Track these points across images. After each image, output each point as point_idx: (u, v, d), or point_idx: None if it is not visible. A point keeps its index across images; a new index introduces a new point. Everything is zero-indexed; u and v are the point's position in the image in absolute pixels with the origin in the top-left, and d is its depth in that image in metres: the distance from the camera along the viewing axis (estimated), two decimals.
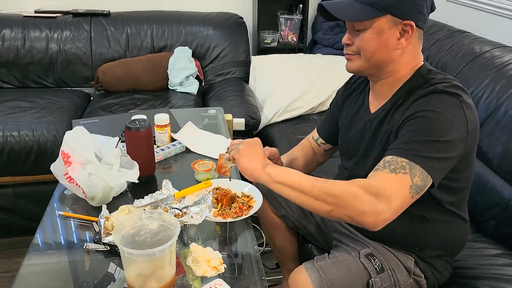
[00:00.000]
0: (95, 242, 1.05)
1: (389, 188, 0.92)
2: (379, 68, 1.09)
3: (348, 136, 1.24)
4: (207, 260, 0.96)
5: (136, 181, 1.20)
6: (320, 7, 1.08)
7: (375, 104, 1.16)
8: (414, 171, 0.93)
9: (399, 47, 1.04)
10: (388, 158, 0.96)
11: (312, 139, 1.44)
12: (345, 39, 1.09)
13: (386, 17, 1.01)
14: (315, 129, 1.44)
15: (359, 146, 1.19)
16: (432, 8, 1.08)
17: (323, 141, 1.41)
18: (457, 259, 1.27)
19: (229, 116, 1.82)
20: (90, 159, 1.16)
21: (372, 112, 1.16)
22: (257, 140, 1.13)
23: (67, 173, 1.17)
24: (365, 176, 0.98)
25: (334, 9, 1.05)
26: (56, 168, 1.22)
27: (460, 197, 1.14)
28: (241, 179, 1.25)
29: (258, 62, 2.61)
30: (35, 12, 2.61)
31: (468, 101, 1.00)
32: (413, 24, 1.02)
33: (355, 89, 1.27)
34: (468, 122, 0.98)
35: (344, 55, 1.12)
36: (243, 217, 1.13)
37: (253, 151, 1.08)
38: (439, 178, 0.97)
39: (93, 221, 1.12)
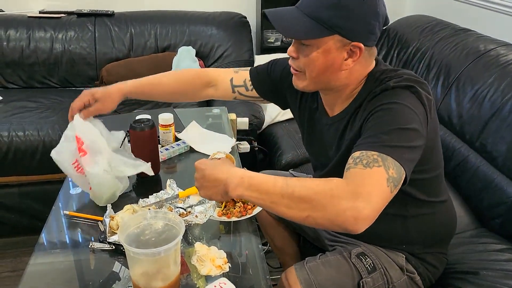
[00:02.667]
0: (100, 241, 1.05)
1: (367, 183, 0.84)
2: (326, 86, 1.05)
3: (310, 136, 1.21)
4: (211, 259, 0.96)
5: (152, 174, 1.19)
6: (264, 15, 1.00)
7: (330, 110, 1.12)
8: (387, 163, 0.86)
9: (345, 67, 0.99)
10: (356, 154, 0.89)
11: (228, 81, 1.30)
12: (290, 51, 1.02)
13: (334, 37, 0.95)
14: (238, 74, 1.31)
15: (323, 146, 1.16)
16: (386, 23, 1.01)
17: (246, 91, 1.30)
18: (458, 253, 1.26)
19: (233, 116, 1.82)
20: (103, 148, 1.09)
21: (330, 116, 1.12)
22: (206, 165, 0.98)
23: (77, 161, 1.11)
24: None
25: (278, 22, 0.98)
26: (60, 155, 1.13)
27: (433, 185, 1.12)
28: None
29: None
30: (40, 12, 2.62)
31: (421, 90, 0.95)
32: (362, 46, 0.96)
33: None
34: (427, 111, 0.95)
35: None
36: (248, 216, 1.14)
37: (207, 183, 0.96)
38: (409, 169, 0.90)
39: (98, 221, 1.12)
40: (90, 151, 1.10)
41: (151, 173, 1.19)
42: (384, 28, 1.03)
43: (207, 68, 1.34)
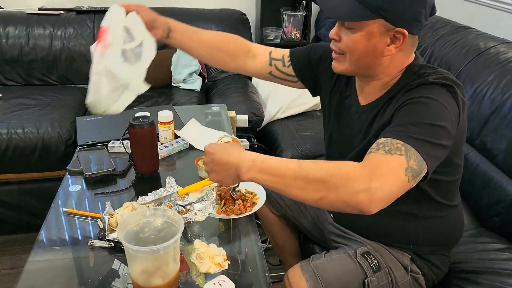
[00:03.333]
0: (99, 239, 1.05)
1: (384, 167, 0.84)
2: (365, 72, 1.05)
3: (335, 123, 1.20)
4: (211, 256, 0.96)
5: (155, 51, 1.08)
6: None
7: (363, 98, 1.11)
8: (409, 153, 0.86)
9: (387, 53, 0.99)
10: (381, 140, 0.89)
11: (267, 54, 1.27)
12: (333, 33, 1.02)
13: (378, 21, 0.94)
14: (277, 50, 1.28)
15: (347, 135, 1.14)
16: (432, 13, 1.01)
17: (283, 67, 1.26)
18: (459, 252, 1.27)
19: (232, 113, 1.82)
20: (113, 41, 1.02)
21: (362, 105, 1.11)
22: (215, 149, 0.97)
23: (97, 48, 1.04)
24: None
25: (323, 2, 0.99)
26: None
27: (450, 189, 1.12)
28: None
29: None
30: (39, 9, 2.61)
31: (458, 92, 0.95)
32: (406, 32, 0.95)
33: (339, 75, 1.18)
34: (460, 113, 0.95)
35: None
36: (247, 214, 1.14)
37: (217, 167, 0.96)
38: (432, 166, 0.90)
39: (97, 218, 1.12)
40: (103, 41, 1.03)
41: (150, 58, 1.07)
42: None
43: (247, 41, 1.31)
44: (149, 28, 1.13)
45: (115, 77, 1.04)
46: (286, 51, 1.28)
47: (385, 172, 0.84)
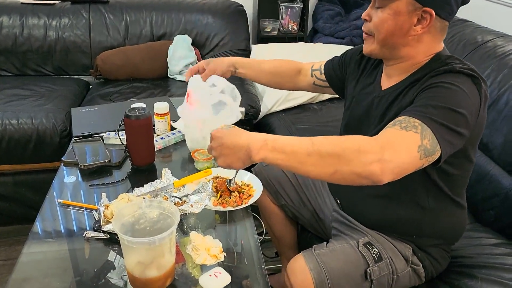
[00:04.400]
0: (94, 230, 1.05)
1: (397, 141, 0.87)
2: (392, 52, 1.06)
3: (354, 110, 1.21)
4: (206, 248, 0.96)
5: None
6: None
7: (386, 83, 1.13)
8: (425, 133, 0.87)
9: (413, 33, 1.00)
10: (400, 118, 0.91)
11: (309, 67, 1.41)
12: (364, 14, 1.06)
13: (406, 0, 0.97)
14: (319, 62, 1.41)
15: (365, 121, 1.16)
16: (464, 1, 1.02)
17: (320, 74, 1.38)
18: (455, 248, 1.27)
19: None
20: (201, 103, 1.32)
21: (383, 89, 1.12)
22: (223, 132, 0.97)
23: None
24: None
25: None
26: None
27: (459, 184, 1.13)
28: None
29: (258, 51, 2.60)
30: None
31: (483, 85, 0.96)
32: (433, 12, 0.97)
33: (367, 64, 1.23)
34: (481, 106, 0.96)
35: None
36: (243, 206, 1.13)
37: (226, 150, 0.95)
38: (446, 152, 0.91)
39: (92, 209, 1.12)
40: (193, 103, 1.32)
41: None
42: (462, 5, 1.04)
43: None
44: (221, 74, 1.39)
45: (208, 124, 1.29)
46: (324, 61, 1.40)
47: (398, 145, 0.86)
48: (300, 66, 1.43)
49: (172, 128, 1.50)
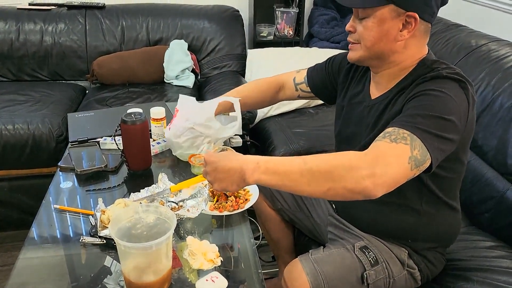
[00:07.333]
0: (91, 236, 1.05)
1: (388, 154, 0.88)
2: (380, 59, 1.07)
3: (345, 120, 1.22)
4: (203, 253, 0.96)
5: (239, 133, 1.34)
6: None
7: (375, 91, 1.14)
8: (414, 143, 0.89)
9: (400, 38, 1.02)
10: (389, 129, 0.93)
11: (291, 81, 1.41)
12: (348, 26, 1.08)
13: (389, 7, 0.99)
14: (300, 73, 1.41)
15: (357, 131, 1.17)
16: (443, 2, 1.05)
17: (306, 87, 1.39)
18: (451, 251, 1.28)
19: None
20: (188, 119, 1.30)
21: (373, 98, 1.13)
22: (216, 157, 0.99)
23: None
24: None
25: None
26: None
27: (452, 187, 1.14)
28: None
29: (254, 56, 2.60)
30: (29, 4, 2.58)
31: (470, 89, 0.97)
32: (417, 16, 0.99)
33: (355, 73, 1.24)
34: (469, 109, 0.97)
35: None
36: (239, 210, 1.14)
37: (220, 175, 0.96)
38: (437, 159, 0.92)
39: (89, 215, 1.12)
40: (179, 118, 1.32)
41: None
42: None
43: (276, 75, 1.46)
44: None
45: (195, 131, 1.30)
46: (304, 70, 1.40)
47: (389, 158, 0.87)
48: (281, 81, 1.43)
49: None
